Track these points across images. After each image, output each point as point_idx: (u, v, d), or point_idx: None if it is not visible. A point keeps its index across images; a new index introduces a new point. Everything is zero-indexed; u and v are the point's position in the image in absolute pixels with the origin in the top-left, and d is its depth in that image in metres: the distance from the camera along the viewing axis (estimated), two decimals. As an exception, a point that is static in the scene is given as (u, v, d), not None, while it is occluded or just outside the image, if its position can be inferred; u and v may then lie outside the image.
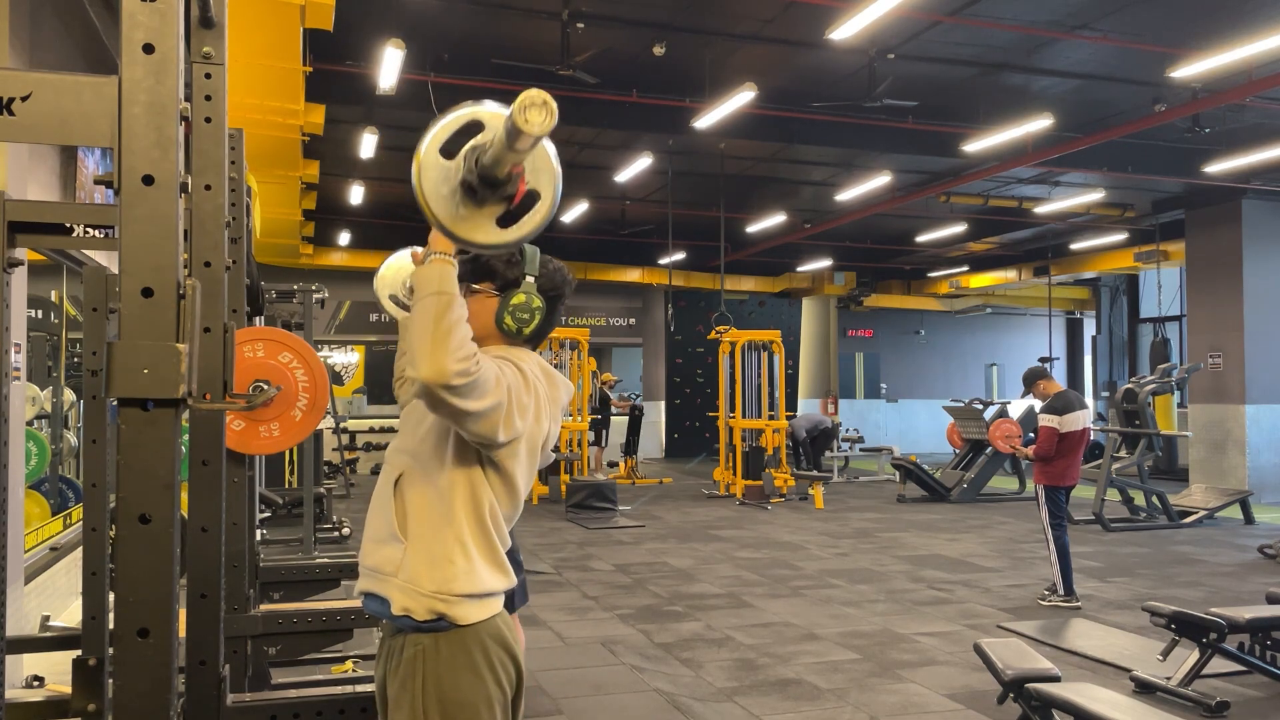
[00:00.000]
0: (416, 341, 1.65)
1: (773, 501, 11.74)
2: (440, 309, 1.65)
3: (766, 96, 9.13)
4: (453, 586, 1.78)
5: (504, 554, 1.87)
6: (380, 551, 1.84)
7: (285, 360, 2.53)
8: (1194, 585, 7.03)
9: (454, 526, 1.81)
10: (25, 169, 4.28)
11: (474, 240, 1.62)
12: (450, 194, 1.58)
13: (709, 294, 17.78)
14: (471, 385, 1.67)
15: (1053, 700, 3.30)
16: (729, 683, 4.72)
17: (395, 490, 1.85)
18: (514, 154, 1.48)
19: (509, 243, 1.65)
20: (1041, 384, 6.62)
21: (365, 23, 7.84)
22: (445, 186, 1.57)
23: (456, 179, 1.57)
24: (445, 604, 1.77)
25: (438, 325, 1.64)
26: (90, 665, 2.72)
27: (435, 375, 1.63)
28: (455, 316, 1.66)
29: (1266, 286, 12.09)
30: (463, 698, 1.77)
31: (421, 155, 1.57)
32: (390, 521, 1.83)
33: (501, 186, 1.57)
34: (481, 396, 1.70)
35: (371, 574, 1.86)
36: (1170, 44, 8.11)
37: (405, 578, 1.79)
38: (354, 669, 4.67)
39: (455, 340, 1.65)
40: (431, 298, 1.67)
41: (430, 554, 1.79)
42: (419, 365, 1.64)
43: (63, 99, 1.12)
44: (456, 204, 1.59)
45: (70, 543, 5.22)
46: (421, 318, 1.66)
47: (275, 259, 14.06)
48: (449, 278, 1.69)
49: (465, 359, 1.65)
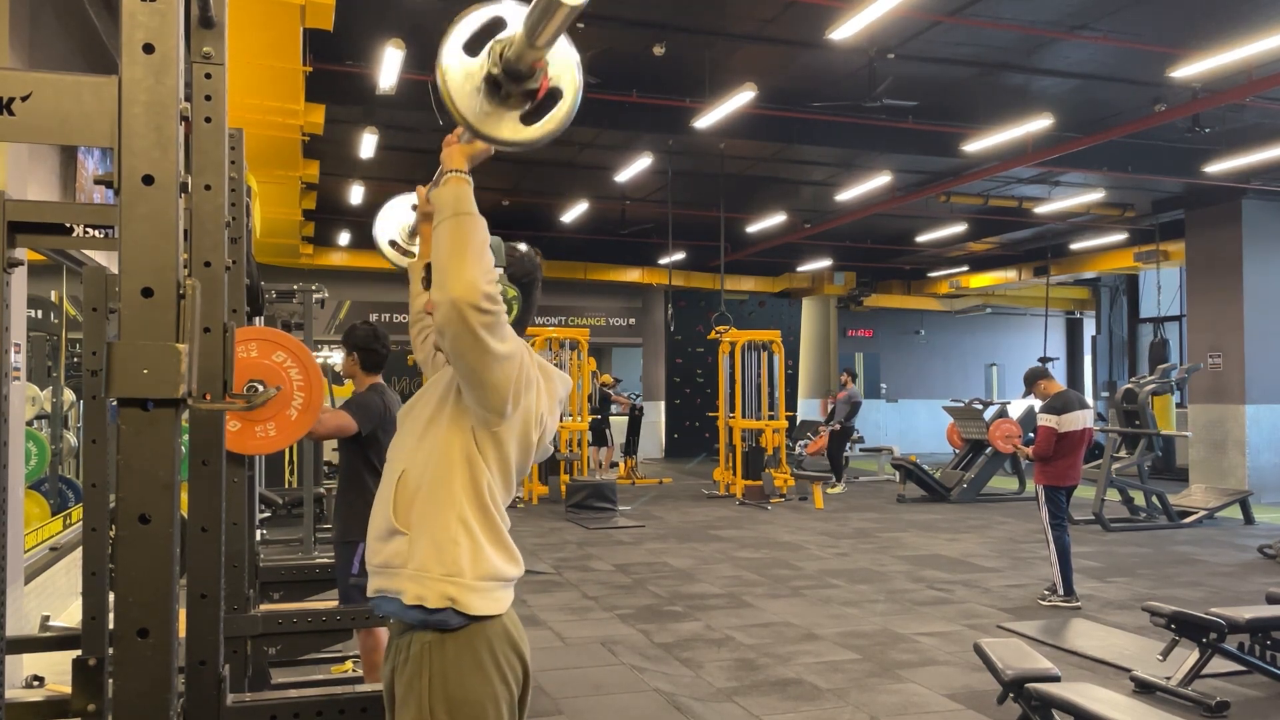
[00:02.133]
0: (443, 262, 1.62)
1: (773, 501, 11.74)
2: (467, 229, 1.63)
3: (766, 96, 9.13)
4: (461, 567, 1.77)
5: (508, 536, 1.87)
6: (386, 548, 1.84)
7: (279, 360, 2.53)
8: (1194, 585, 7.03)
9: (455, 507, 1.80)
10: (25, 169, 4.28)
11: (500, 136, 1.59)
12: (474, 91, 1.55)
13: (709, 294, 17.78)
14: (498, 320, 1.65)
15: (1053, 700, 3.30)
16: (729, 683, 4.72)
17: (396, 485, 1.85)
18: (539, 49, 1.45)
19: (532, 140, 1.63)
20: (1042, 384, 6.62)
21: (365, 23, 7.83)
22: (469, 84, 1.55)
23: (480, 76, 1.54)
24: (456, 587, 1.76)
25: (468, 244, 1.62)
26: (90, 665, 2.72)
27: (466, 293, 1.60)
28: (481, 237, 1.64)
29: (1266, 286, 12.09)
30: (469, 696, 1.76)
31: (444, 54, 1.54)
32: (389, 516, 1.83)
33: (526, 80, 1.55)
34: (504, 339, 1.69)
35: (381, 571, 1.85)
36: (1170, 44, 8.11)
37: (415, 566, 1.79)
38: (354, 669, 4.67)
39: (485, 261, 1.62)
40: (455, 219, 1.64)
41: (435, 539, 1.79)
42: (448, 284, 1.61)
43: (63, 99, 1.12)
44: (481, 100, 1.56)
45: (70, 543, 5.21)
46: (449, 238, 1.63)
47: (275, 259, 14.06)
48: (468, 197, 1.67)
49: (493, 282, 1.63)
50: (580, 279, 17.38)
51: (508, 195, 13.99)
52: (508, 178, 13.13)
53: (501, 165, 12.39)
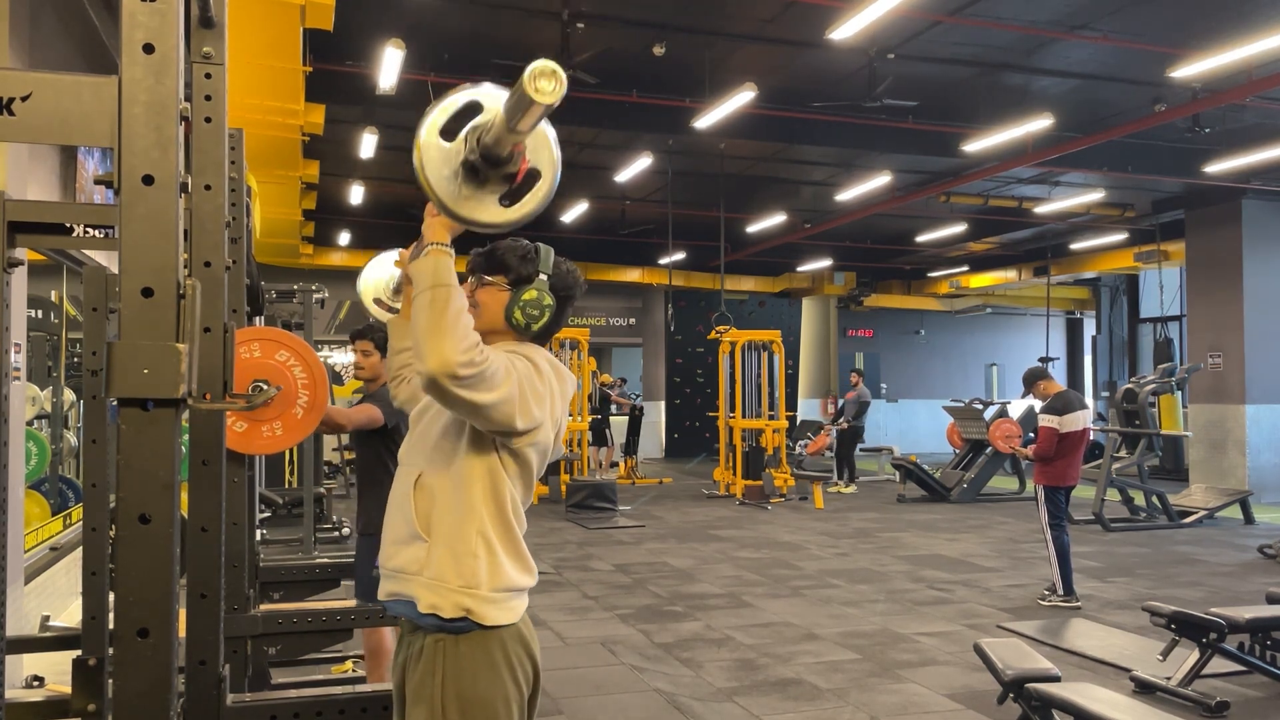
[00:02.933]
0: (420, 335, 1.66)
1: (773, 501, 11.74)
2: (441, 301, 1.65)
3: (766, 96, 9.13)
4: (479, 580, 1.78)
5: (524, 546, 1.88)
6: (404, 552, 1.84)
7: (282, 359, 2.53)
8: (1194, 585, 7.03)
9: (475, 519, 1.81)
10: (25, 169, 4.28)
11: (477, 219, 1.62)
12: (452, 175, 1.58)
13: (709, 294, 17.77)
14: (479, 376, 1.67)
15: (1053, 700, 3.30)
16: (729, 683, 4.72)
17: (415, 489, 1.85)
18: (517, 133, 1.48)
19: (512, 221, 1.66)
20: (1042, 384, 6.62)
21: (365, 23, 7.84)
22: (447, 168, 1.58)
23: (458, 160, 1.57)
24: (472, 599, 1.78)
25: (441, 318, 1.64)
26: (90, 665, 2.72)
27: (441, 367, 1.63)
28: (456, 308, 1.66)
29: (1266, 286, 12.09)
30: (481, 695, 1.77)
31: (422, 139, 1.57)
32: (410, 520, 1.84)
33: (504, 165, 1.57)
34: (492, 389, 1.70)
35: (395, 575, 1.86)
36: (1170, 44, 8.11)
37: (431, 574, 1.80)
38: (354, 669, 4.67)
39: (459, 331, 1.65)
40: (430, 291, 1.67)
41: (454, 549, 1.80)
42: (425, 359, 1.64)
43: (63, 99, 1.12)
44: (459, 184, 1.59)
45: (70, 543, 5.22)
46: (423, 312, 1.66)
47: (275, 259, 14.06)
48: (446, 269, 1.69)
49: (469, 349, 1.65)
50: (580, 279, 17.37)
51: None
52: (508, 178, 13.12)
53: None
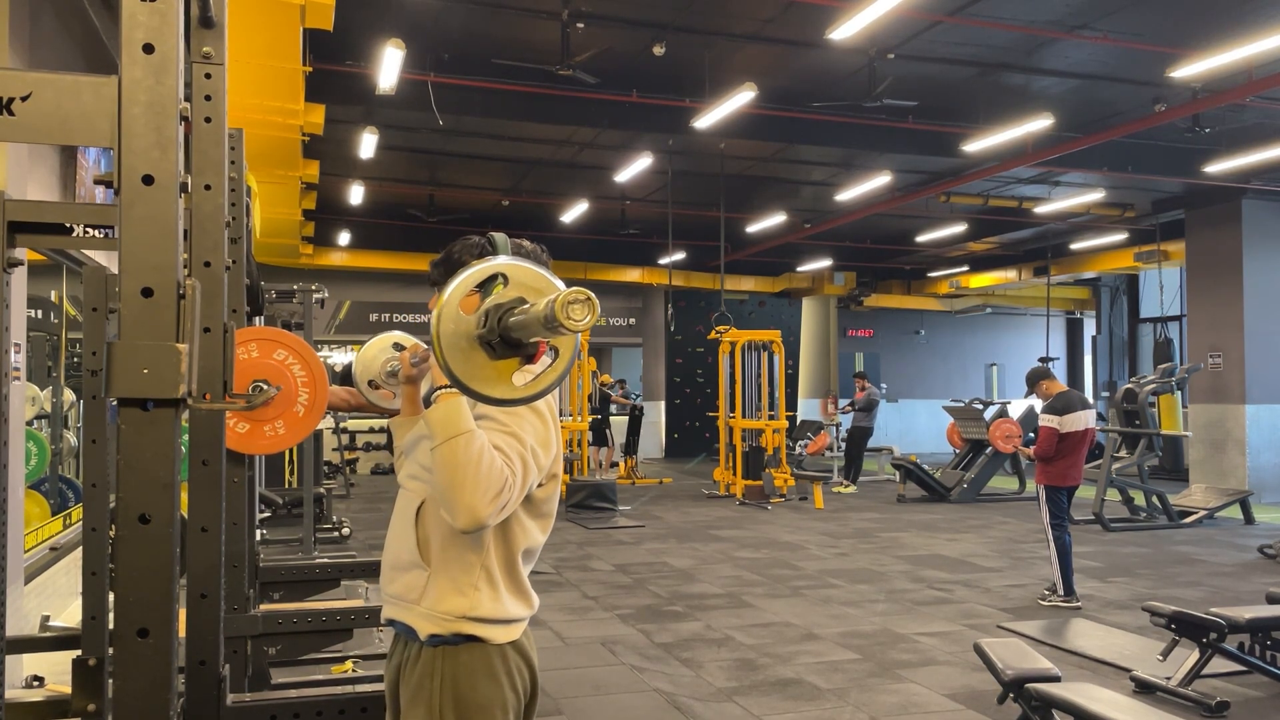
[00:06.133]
0: (444, 489, 1.64)
1: (773, 501, 11.74)
2: (462, 451, 1.62)
3: (766, 96, 9.13)
4: (479, 612, 1.78)
5: (528, 582, 1.88)
6: (402, 579, 1.84)
7: (281, 358, 2.53)
8: (1194, 585, 7.03)
9: (481, 556, 1.80)
10: (25, 169, 4.28)
11: (489, 395, 1.56)
12: (468, 347, 1.52)
13: (709, 294, 17.77)
14: (509, 506, 1.68)
15: (1053, 700, 3.30)
16: (729, 683, 4.72)
17: (418, 518, 1.84)
18: (545, 334, 1.45)
19: (526, 398, 1.60)
20: (1044, 384, 6.62)
21: (365, 23, 7.84)
22: (463, 340, 1.52)
23: (474, 335, 1.52)
24: (471, 624, 1.78)
25: (464, 468, 1.62)
26: (90, 665, 2.72)
27: (472, 522, 1.63)
28: (476, 452, 1.63)
29: (1266, 286, 12.09)
30: (480, 701, 1.77)
31: (444, 311, 1.50)
32: (412, 549, 1.83)
33: (523, 349, 1.55)
34: (511, 499, 1.70)
35: (395, 602, 1.86)
36: (1170, 44, 8.11)
37: (429, 605, 1.79)
38: (354, 669, 4.67)
39: (483, 480, 1.62)
40: (449, 444, 1.63)
41: (455, 581, 1.79)
42: (454, 515, 1.64)
43: (63, 99, 1.12)
44: (472, 359, 1.53)
45: (70, 543, 5.22)
46: (446, 465, 1.63)
47: (275, 259, 14.06)
48: (461, 414, 1.65)
49: (495, 496, 1.64)
50: (580, 279, 17.34)
51: (508, 195, 13.99)
52: (508, 178, 13.13)
53: (501, 166, 12.40)
